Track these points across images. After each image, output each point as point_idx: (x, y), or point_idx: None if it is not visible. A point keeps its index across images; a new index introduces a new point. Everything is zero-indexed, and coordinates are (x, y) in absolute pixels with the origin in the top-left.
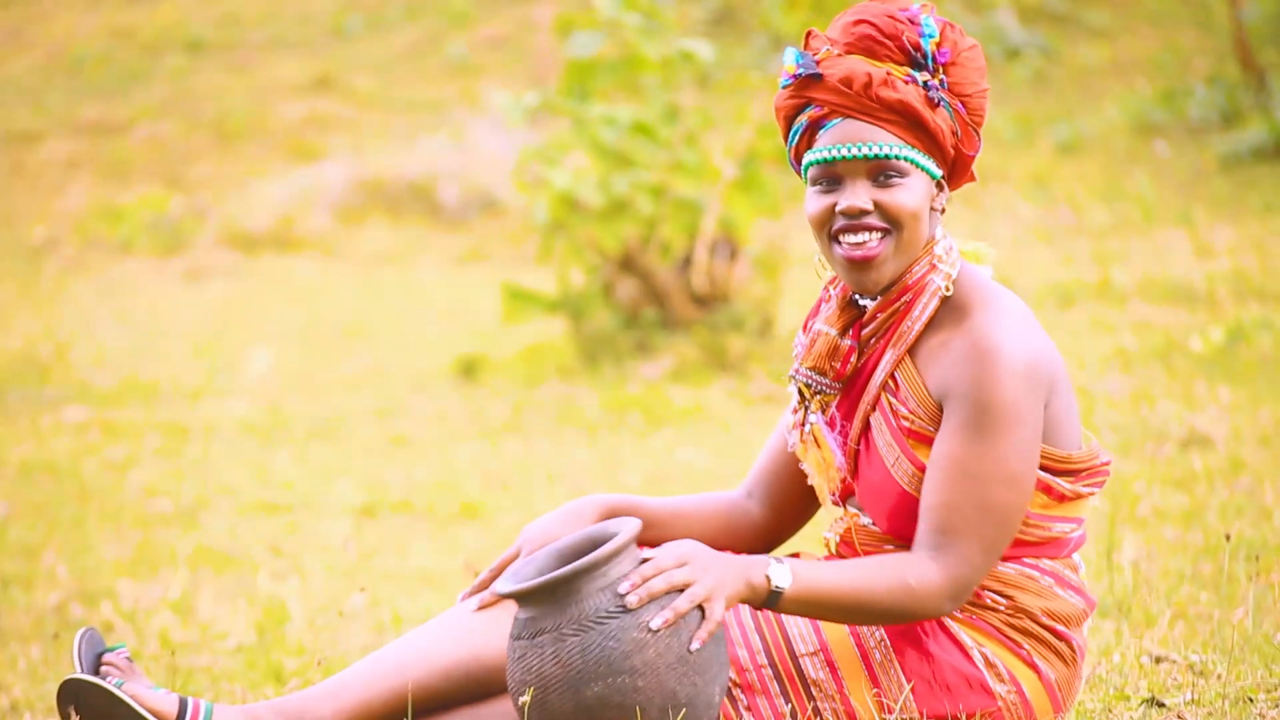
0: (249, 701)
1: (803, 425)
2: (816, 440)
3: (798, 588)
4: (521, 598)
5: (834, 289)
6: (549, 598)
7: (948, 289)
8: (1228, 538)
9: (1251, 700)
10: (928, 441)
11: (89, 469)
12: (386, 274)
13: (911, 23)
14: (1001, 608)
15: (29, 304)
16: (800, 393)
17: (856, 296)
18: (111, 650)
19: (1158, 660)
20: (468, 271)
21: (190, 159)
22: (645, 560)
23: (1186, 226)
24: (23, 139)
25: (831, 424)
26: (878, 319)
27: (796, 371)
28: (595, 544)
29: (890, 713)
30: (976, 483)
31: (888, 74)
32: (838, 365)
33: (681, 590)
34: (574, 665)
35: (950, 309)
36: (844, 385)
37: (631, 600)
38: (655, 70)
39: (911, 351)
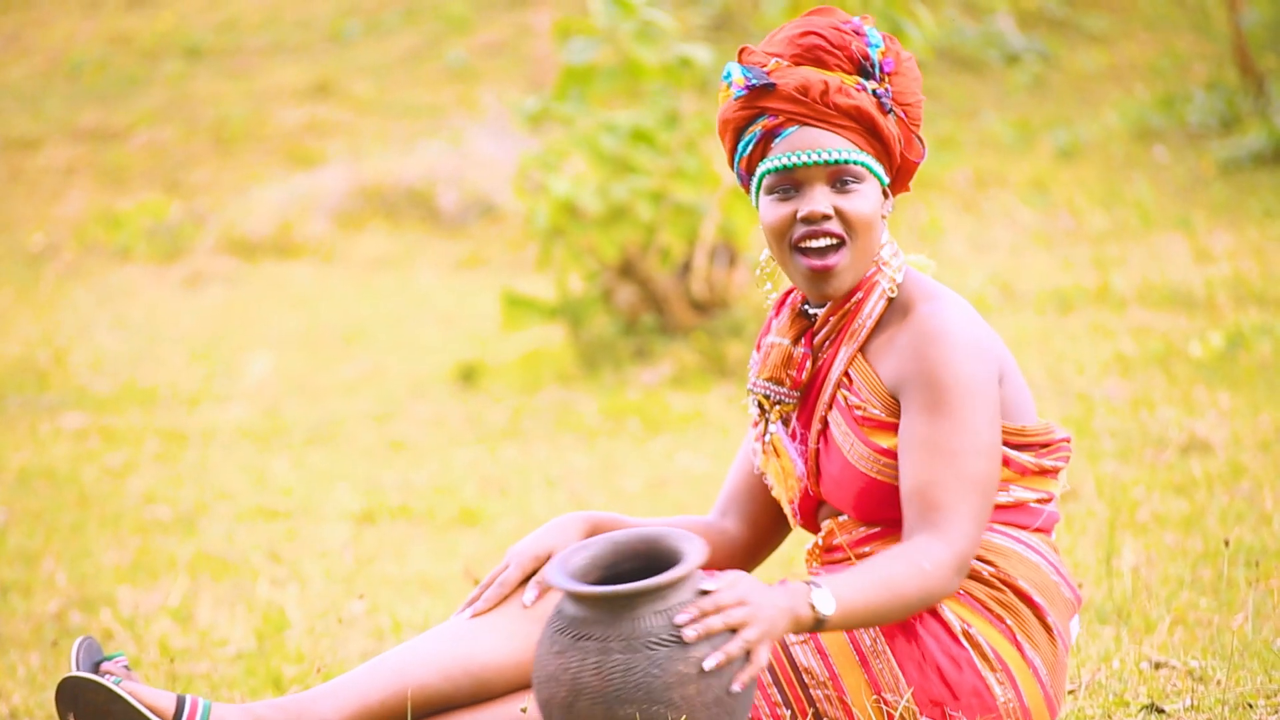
0: None
1: (763, 436)
2: (776, 450)
3: (840, 609)
4: (574, 597)
5: (784, 305)
6: (604, 606)
7: (892, 290)
8: (1227, 543)
9: (1251, 706)
10: (880, 426)
11: (88, 475)
12: (385, 280)
13: (857, 33)
14: (984, 574)
15: (28, 310)
16: (760, 405)
17: (806, 306)
18: (109, 659)
19: (1157, 666)
20: (466, 277)
21: (189, 165)
22: (705, 592)
23: (1186, 232)
24: (21, 145)
25: (793, 436)
26: (829, 323)
27: (754, 385)
28: (651, 545)
29: (880, 693)
30: (953, 457)
31: (841, 82)
32: (793, 373)
33: (735, 630)
34: (614, 682)
35: (895, 308)
36: (801, 394)
37: (689, 634)
38: (653, 77)
39: (863, 349)
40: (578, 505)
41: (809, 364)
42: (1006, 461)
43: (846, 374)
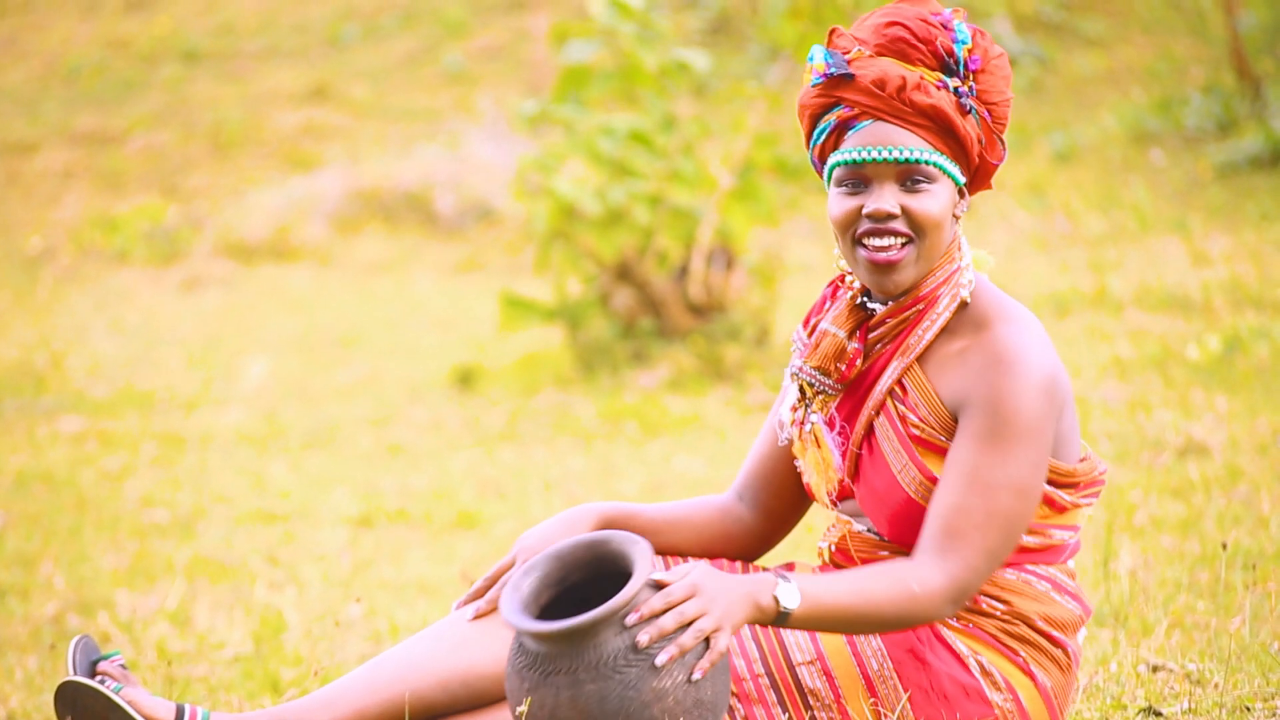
0: (246, 711)
1: (803, 424)
2: (817, 440)
3: (805, 606)
4: (535, 637)
5: (842, 287)
6: (565, 640)
7: (966, 299)
8: (1224, 546)
9: (1248, 709)
10: (937, 450)
11: (85, 479)
12: (383, 283)
13: (945, 27)
14: (998, 613)
15: (25, 314)
16: (801, 390)
17: (864, 300)
18: (106, 658)
19: (1155, 669)
20: (464, 281)
21: (186, 169)
22: (658, 585)
23: (1182, 235)
24: (18, 149)
25: (830, 424)
26: (887, 324)
27: (800, 369)
28: (596, 554)
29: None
30: (988, 490)
31: (921, 78)
32: (843, 368)
33: (689, 624)
34: (591, 712)
35: (968, 319)
36: (845, 387)
37: (642, 638)
38: (650, 82)
39: (922, 359)
40: (574, 506)
41: (859, 361)
42: (1049, 501)
43: (900, 384)
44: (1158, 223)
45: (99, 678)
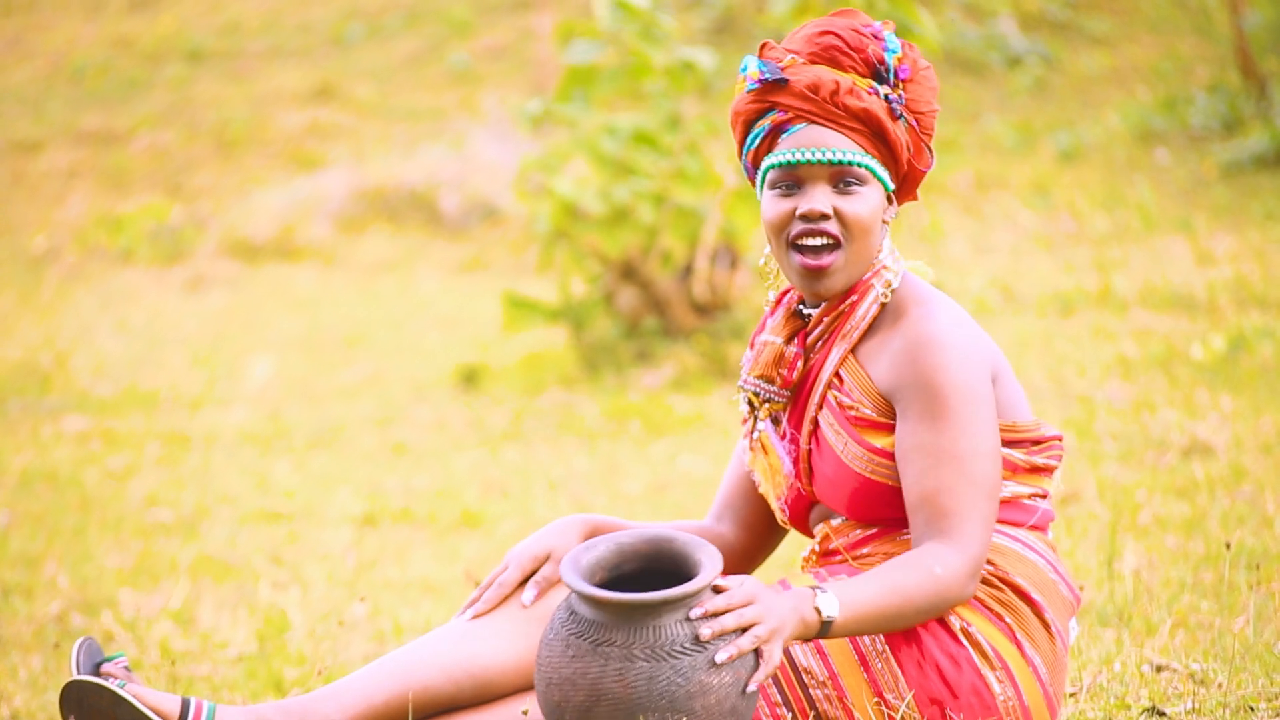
0: None
1: (751, 433)
2: (764, 447)
3: (845, 613)
4: (595, 603)
5: (780, 305)
6: (626, 613)
7: (887, 295)
8: (1229, 546)
9: (1253, 709)
10: (873, 425)
11: (90, 478)
12: (387, 283)
13: (876, 37)
14: (983, 573)
15: (30, 313)
16: (749, 402)
17: (800, 306)
18: (110, 659)
19: (1159, 669)
20: (468, 280)
21: (191, 168)
22: (717, 589)
23: (1187, 234)
24: (23, 148)
25: (783, 437)
26: (823, 323)
27: (745, 381)
28: (656, 549)
29: (880, 694)
30: (958, 462)
31: (853, 83)
32: (784, 372)
33: (746, 629)
34: (638, 689)
35: (888, 312)
36: (792, 394)
37: (705, 632)
38: (656, 78)
39: (854, 351)
40: (579, 508)
41: (800, 363)
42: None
43: (838, 374)
44: (1163, 222)
45: (103, 676)
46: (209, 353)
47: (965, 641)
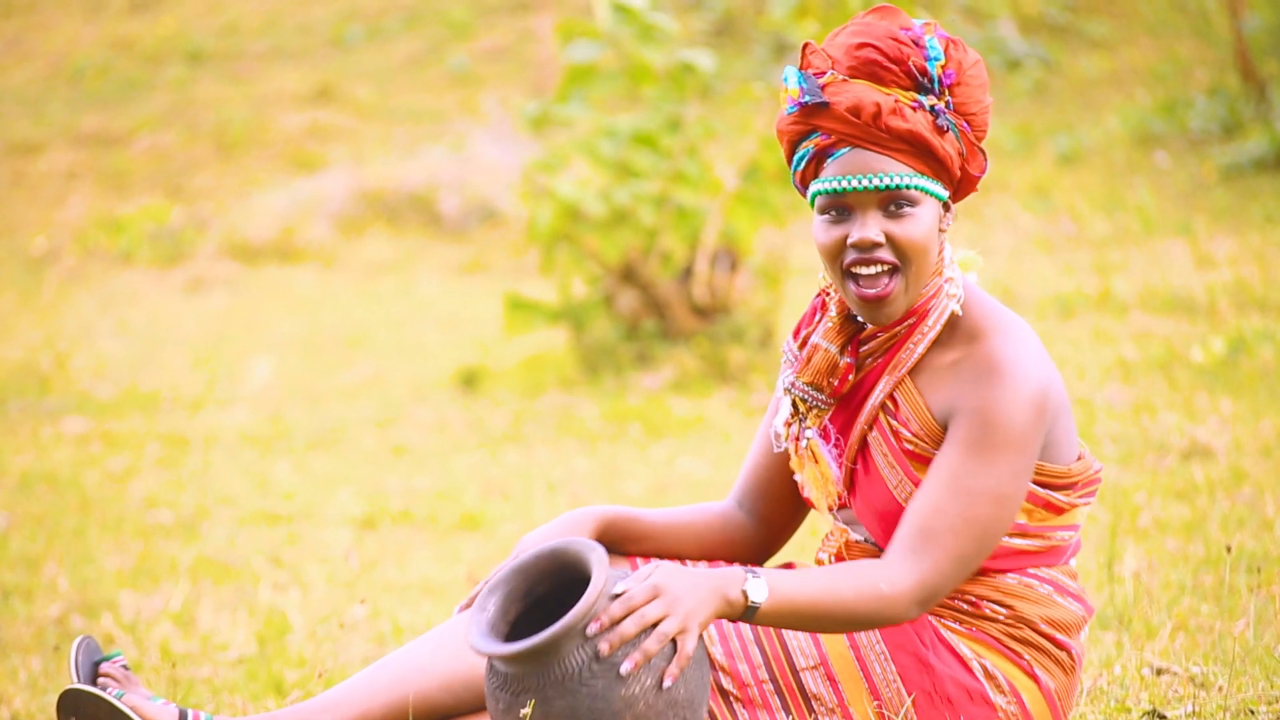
0: (249, 713)
1: (798, 439)
2: (814, 455)
3: (773, 601)
4: (500, 659)
5: (830, 298)
6: (529, 659)
7: (957, 311)
8: (1229, 549)
9: (1253, 713)
10: (928, 462)
11: (90, 480)
12: (387, 285)
13: (916, 44)
14: (1001, 617)
15: (30, 314)
16: (795, 405)
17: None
18: (108, 659)
19: (1159, 672)
20: (468, 282)
21: (191, 169)
22: (617, 595)
23: (1187, 237)
24: (23, 149)
25: (825, 437)
26: (878, 338)
27: (792, 385)
28: (557, 560)
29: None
30: (967, 496)
31: (896, 102)
32: (835, 382)
33: (653, 625)
34: None
35: (961, 330)
36: (838, 401)
37: (603, 648)
38: (655, 82)
39: (914, 372)
40: (576, 508)
41: (852, 375)
42: (1047, 504)
43: (892, 398)
44: (1162, 225)
45: (101, 681)
46: (209, 354)
47: (982, 677)
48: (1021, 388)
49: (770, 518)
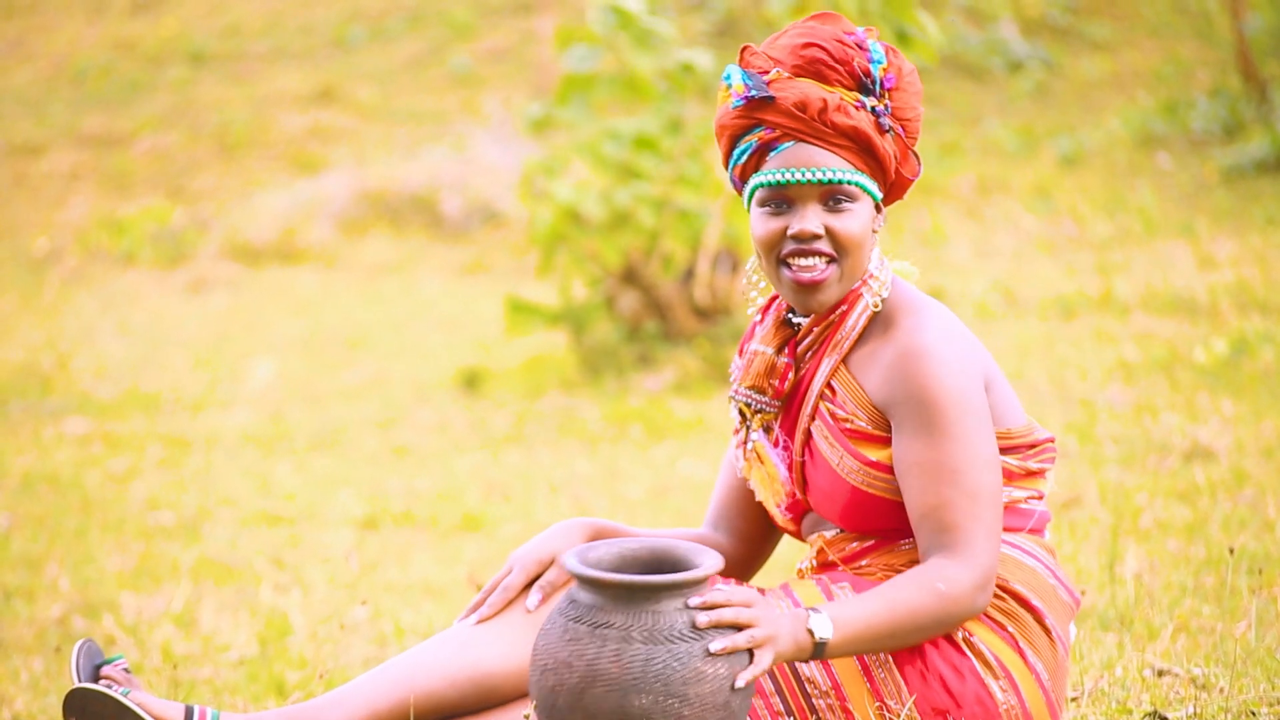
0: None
1: (745, 444)
2: (760, 457)
3: (840, 633)
4: (598, 586)
5: (769, 313)
6: (626, 597)
7: (877, 305)
8: (1231, 551)
9: (1254, 714)
10: (868, 438)
11: (91, 481)
12: (388, 285)
13: (860, 47)
14: None
15: (31, 315)
16: (741, 413)
17: (790, 315)
18: (110, 662)
19: (1160, 674)
20: (470, 283)
21: (192, 170)
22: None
23: (1189, 238)
24: (25, 150)
25: (776, 444)
26: (813, 333)
27: (736, 392)
28: (657, 555)
29: (881, 700)
30: (958, 475)
31: (841, 99)
32: (775, 382)
33: (743, 628)
34: (633, 671)
35: (878, 320)
36: (783, 403)
37: (702, 619)
38: (651, 92)
39: (846, 361)
40: (581, 511)
41: (791, 374)
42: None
43: (829, 385)
44: (1164, 226)
45: (104, 682)
46: (210, 355)
47: (968, 651)
48: (940, 357)
49: (747, 534)
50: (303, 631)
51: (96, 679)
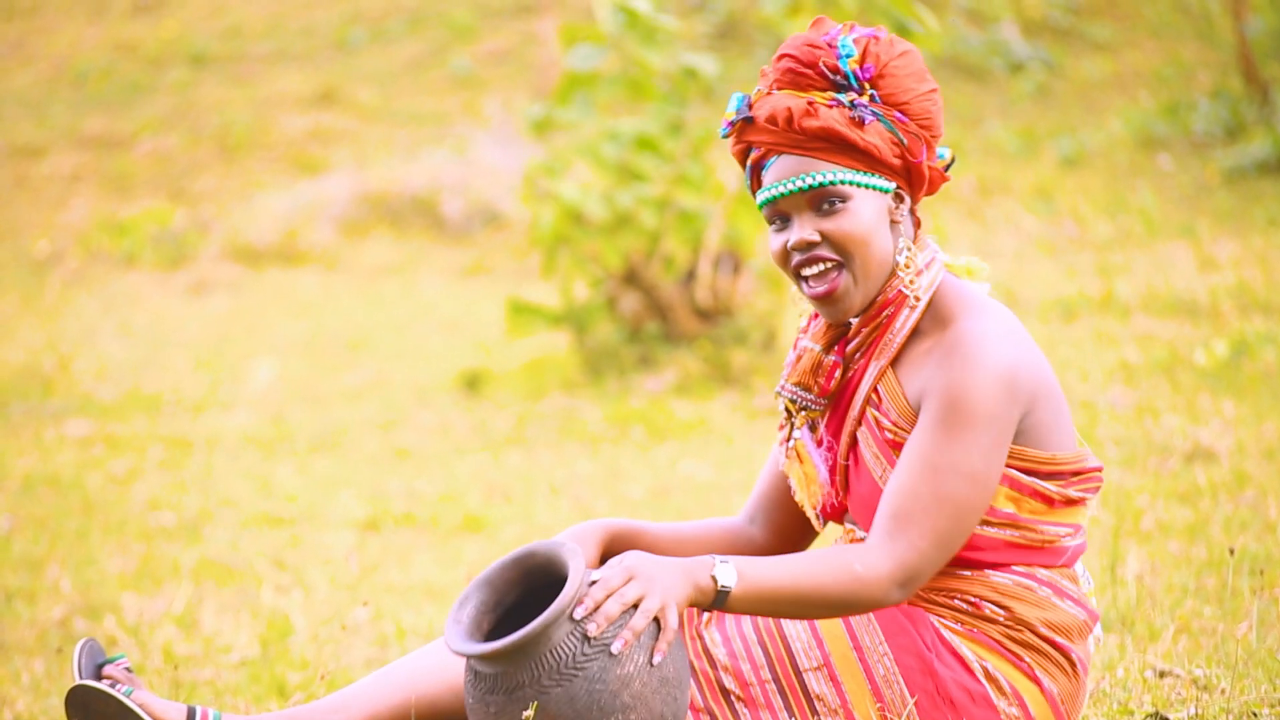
0: (253, 715)
1: (788, 440)
2: (800, 456)
3: (744, 585)
4: (490, 658)
5: None
6: (520, 653)
7: (915, 296)
8: (1231, 552)
9: (1255, 715)
10: None
11: (92, 482)
12: (390, 287)
13: (829, 46)
14: (1000, 619)
15: (33, 317)
16: (786, 409)
17: None
18: (111, 661)
19: (1161, 675)
20: (471, 285)
21: (194, 172)
22: (593, 582)
23: (1190, 240)
24: (26, 152)
25: (820, 443)
26: (861, 334)
27: (782, 388)
28: (524, 569)
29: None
30: (936, 474)
31: (809, 103)
32: (822, 381)
33: (635, 607)
34: (564, 715)
35: (935, 319)
36: (830, 402)
37: (591, 629)
38: (656, 93)
39: (895, 362)
40: (582, 513)
41: (838, 373)
42: (1036, 494)
43: (875, 390)
44: (1165, 228)
45: (106, 681)
46: (211, 357)
47: (984, 680)
48: (985, 362)
49: (783, 530)
50: (304, 633)
51: (98, 678)
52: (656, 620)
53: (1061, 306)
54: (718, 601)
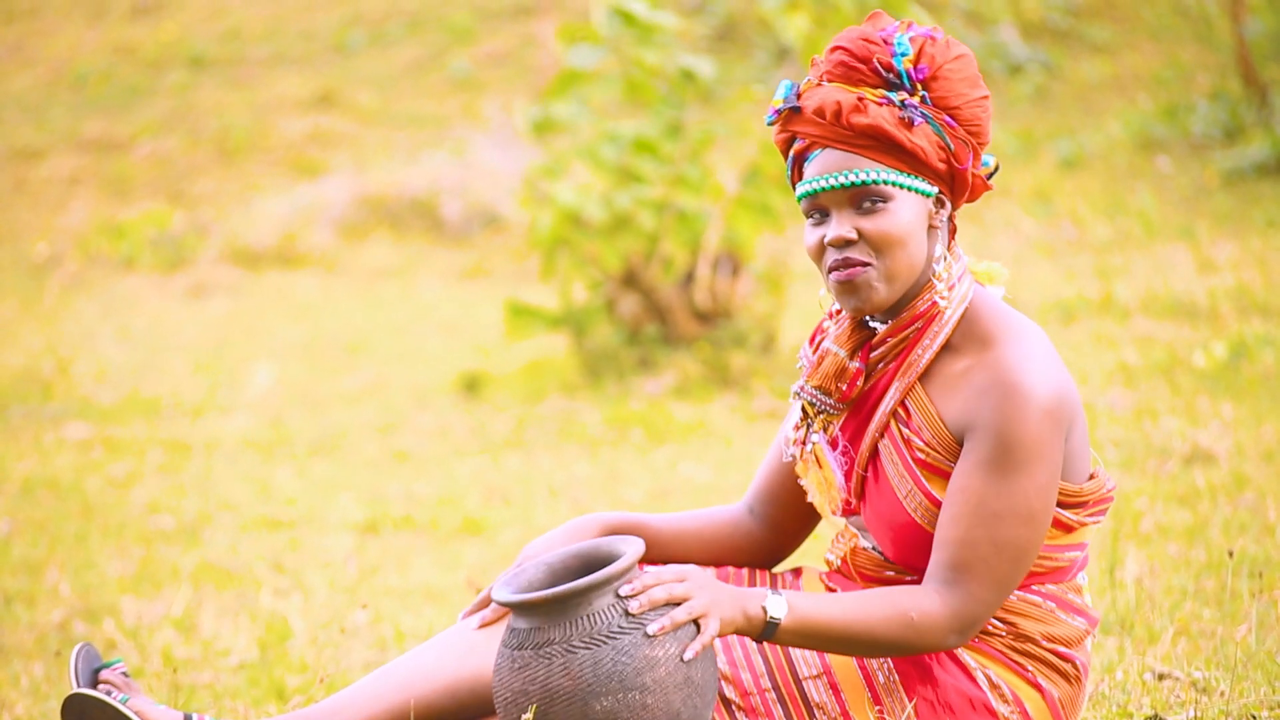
0: (251, 719)
1: (804, 444)
2: (818, 460)
3: (794, 619)
4: (528, 608)
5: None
6: (558, 609)
7: (945, 308)
8: (1231, 554)
9: (1255, 718)
10: (943, 474)
11: (91, 485)
12: (389, 290)
13: (885, 43)
14: (1003, 633)
15: (31, 320)
16: (803, 410)
17: (868, 318)
18: (108, 666)
19: (1160, 677)
20: (470, 287)
21: (192, 175)
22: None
23: (1189, 242)
24: (25, 155)
25: (833, 444)
26: (888, 343)
27: (801, 389)
28: (586, 560)
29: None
30: (995, 520)
31: (859, 99)
32: (844, 387)
33: (679, 604)
34: (585, 679)
35: (971, 336)
36: (848, 406)
37: (633, 606)
38: (654, 94)
39: (925, 377)
40: (581, 514)
41: (861, 380)
42: (1057, 523)
43: (904, 405)
44: (1164, 230)
45: (103, 687)
46: (210, 360)
47: (985, 687)
48: (1035, 398)
49: (781, 524)
50: (303, 636)
51: (95, 683)
52: (696, 625)
53: (1060, 309)
54: (766, 633)
